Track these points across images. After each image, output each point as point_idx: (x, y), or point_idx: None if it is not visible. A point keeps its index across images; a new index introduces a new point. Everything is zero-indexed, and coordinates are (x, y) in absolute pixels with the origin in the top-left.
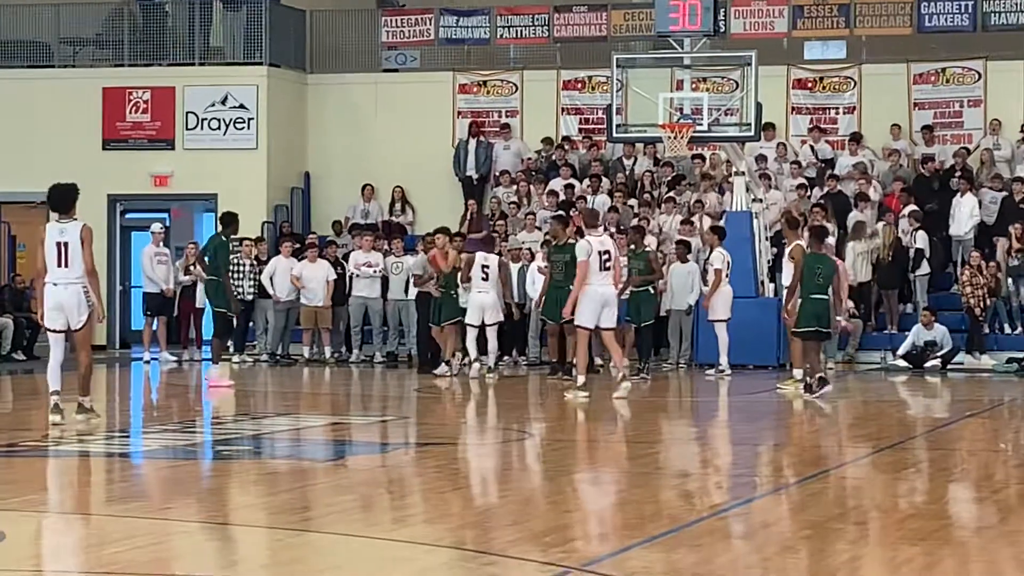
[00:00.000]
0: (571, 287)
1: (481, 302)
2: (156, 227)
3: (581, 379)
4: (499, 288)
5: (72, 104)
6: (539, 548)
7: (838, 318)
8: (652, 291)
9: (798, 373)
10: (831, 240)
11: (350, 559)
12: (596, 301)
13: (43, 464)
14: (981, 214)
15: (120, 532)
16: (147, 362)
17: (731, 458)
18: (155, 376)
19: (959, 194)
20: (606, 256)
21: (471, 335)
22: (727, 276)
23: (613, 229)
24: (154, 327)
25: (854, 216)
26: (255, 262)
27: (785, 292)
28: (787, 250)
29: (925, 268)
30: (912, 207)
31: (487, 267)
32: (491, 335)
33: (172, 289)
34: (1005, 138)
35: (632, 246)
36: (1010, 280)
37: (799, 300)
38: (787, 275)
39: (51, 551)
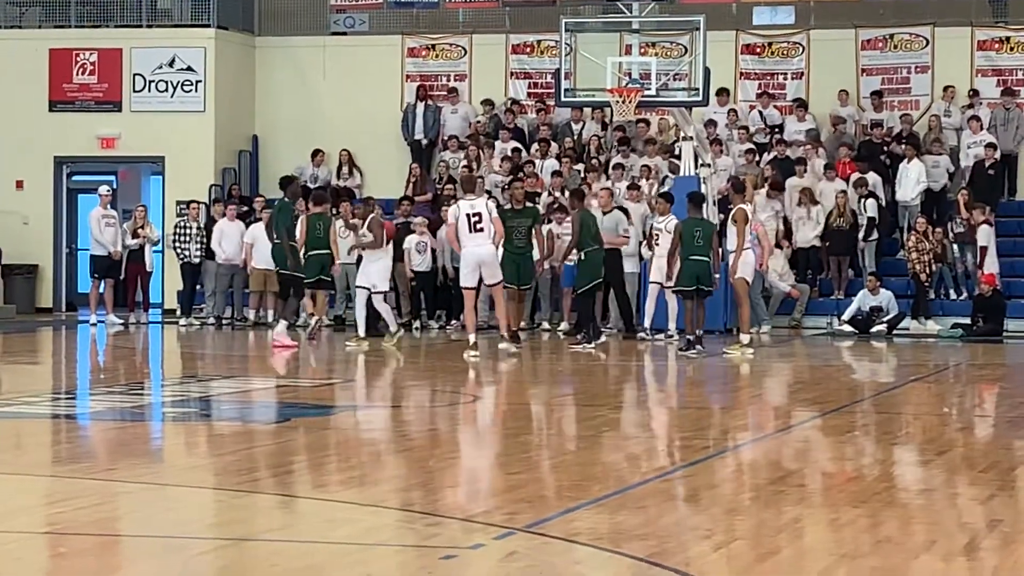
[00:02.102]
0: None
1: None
2: (103, 189)
3: (472, 338)
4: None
5: (18, 66)
6: (484, 509)
7: (787, 285)
8: (584, 257)
9: (745, 338)
10: (765, 203)
11: (295, 520)
12: (471, 262)
13: None
14: (928, 180)
15: (63, 493)
16: (94, 324)
17: (677, 421)
18: (101, 338)
19: (906, 160)
20: (476, 218)
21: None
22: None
23: (558, 193)
24: (101, 290)
25: (795, 182)
26: (201, 225)
27: (732, 255)
28: (731, 213)
29: (875, 235)
30: (857, 175)
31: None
32: (376, 303)
33: (120, 252)
34: (955, 105)
35: (574, 210)
36: (956, 246)
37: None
38: (732, 239)
39: None
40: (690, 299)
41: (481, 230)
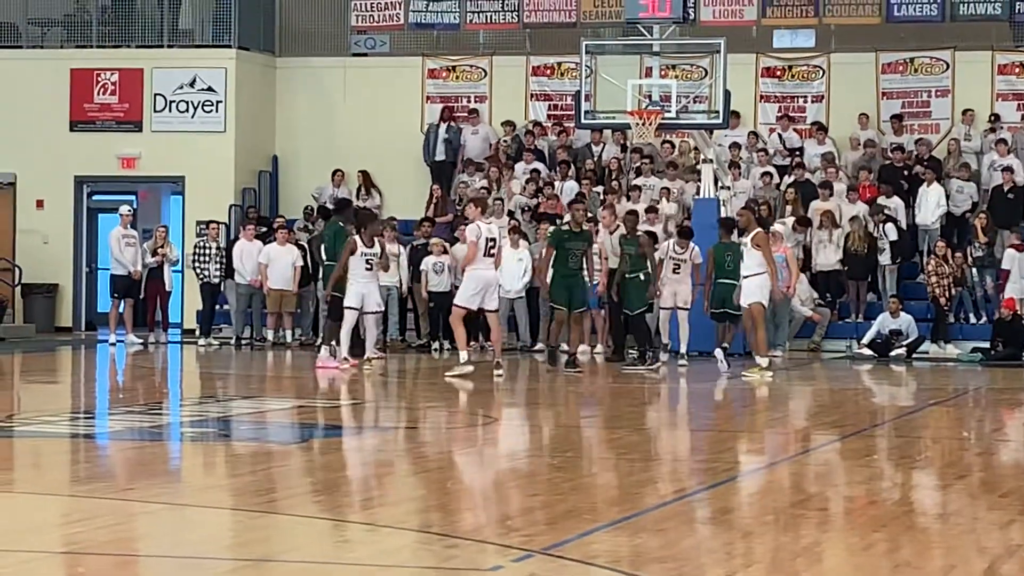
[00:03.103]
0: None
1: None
2: (124, 209)
3: (464, 355)
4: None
5: (40, 85)
6: (502, 531)
7: (808, 309)
8: (643, 277)
9: (763, 361)
10: (791, 234)
11: (312, 540)
12: (480, 284)
13: (7, 444)
14: (949, 204)
15: (82, 512)
16: (113, 344)
17: (696, 443)
18: (121, 358)
19: (925, 184)
20: (491, 243)
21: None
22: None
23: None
24: (120, 309)
25: (817, 205)
26: (220, 245)
27: (749, 279)
28: (749, 238)
29: (897, 259)
30: (882, 198)
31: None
32: (370, 323)
33: (140, 271)
34: (975, 128)
35: (625, 232)
36: (975, 270)
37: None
38: (748, 263)
39: (12, 530)
40: (720, 321)
41: (492, 255)
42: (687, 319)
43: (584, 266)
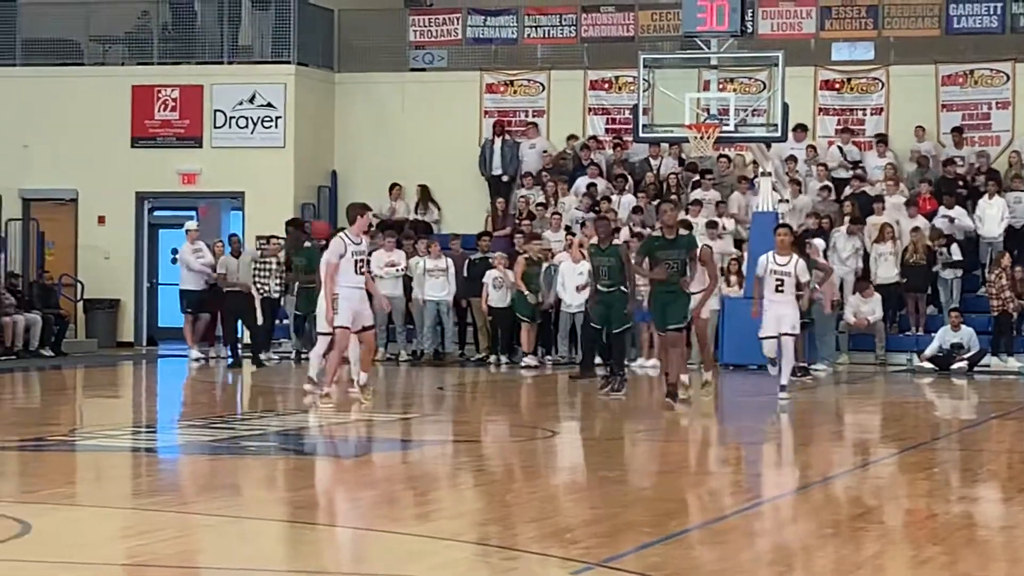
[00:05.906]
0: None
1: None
2: (191, 224)
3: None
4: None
5: (101, 102)
6: (561, 544)
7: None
8: (622, 292)
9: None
10: (846, 242)
11: (372, 553)
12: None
13: (70, 458)
14: (1009, 216)
15: (144, 525)
16: (196, 360)
17: (755, 456)
18: (183, 372)
19: (987, 196)
20: (362, 262)
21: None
22: None
23: (639, 229)
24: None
25: (874, 220)
26: (280, 260)
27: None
28: (698, 251)
29: (958, 272)
30: (942, 209)
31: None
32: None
33: (223, 276)
34: None
35: (598, 242)
36: None
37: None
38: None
39: (75, 543)
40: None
41: (362, 273)
42: (792, 345)
43: (682, 279)
